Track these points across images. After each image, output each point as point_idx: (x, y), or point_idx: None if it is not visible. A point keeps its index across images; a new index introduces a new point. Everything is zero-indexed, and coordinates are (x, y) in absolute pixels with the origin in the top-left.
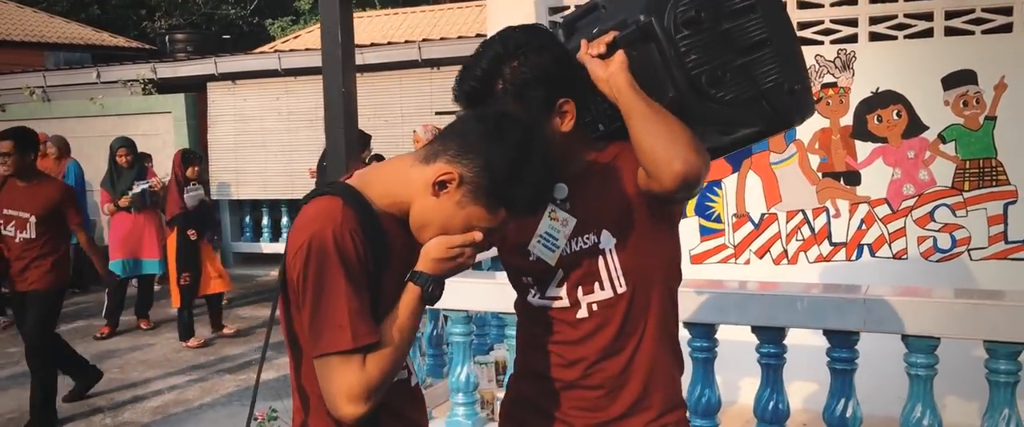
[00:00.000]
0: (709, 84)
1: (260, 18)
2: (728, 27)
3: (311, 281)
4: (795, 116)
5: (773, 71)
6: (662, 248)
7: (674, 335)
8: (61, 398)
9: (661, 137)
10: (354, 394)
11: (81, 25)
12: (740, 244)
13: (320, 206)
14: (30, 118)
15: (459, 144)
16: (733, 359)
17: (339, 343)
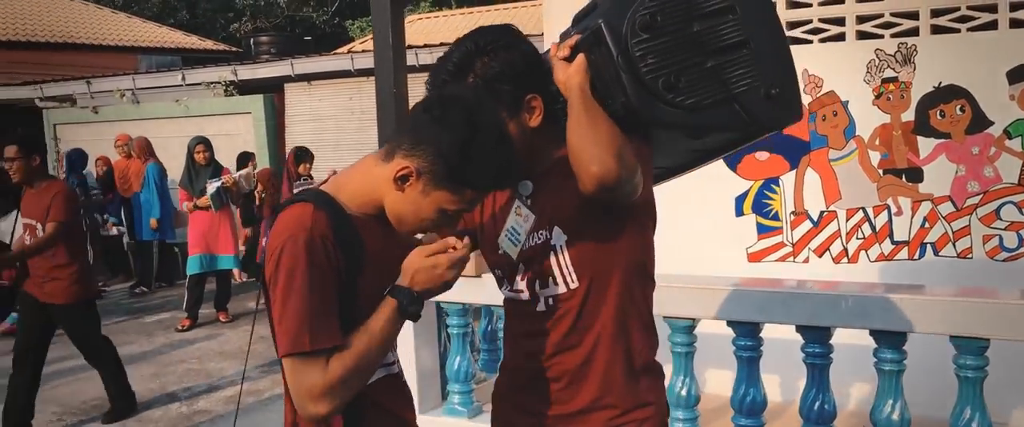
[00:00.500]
0: (665, 88)
1: (341, 19)
2: (699, 29)
3: (280, 285)
4: (773, 121)
5: (748, 74)
6: (619, 248)
7: (640, 334)
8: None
9: (586, 140)
10: (314, 394)
11: (171, 29)
12: (798, 242)
13: (292, 213)
14: (120, 119)
15: (411, 137)
16: (781, 357)
17: (299, 345)
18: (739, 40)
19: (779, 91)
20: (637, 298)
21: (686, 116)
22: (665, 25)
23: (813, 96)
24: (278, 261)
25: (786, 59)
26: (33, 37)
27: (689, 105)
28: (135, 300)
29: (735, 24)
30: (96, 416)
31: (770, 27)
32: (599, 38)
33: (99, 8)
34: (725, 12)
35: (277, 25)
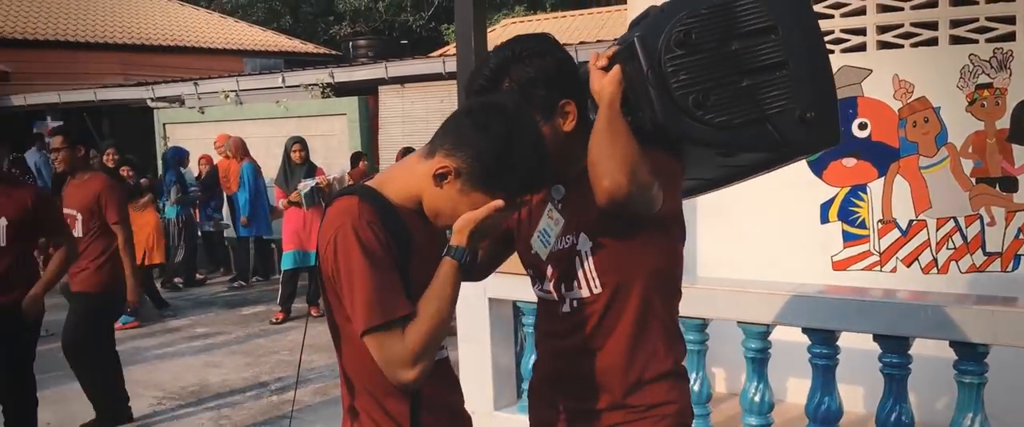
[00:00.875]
0: (695, 105)
1: (437, 23)
2: (737, 48)
3: (342, 271)
4: (806, 144)
5: (783, 96)
6: (643, 257)
7: (663, 340)
8: None
9: (602, 153)
10: (402, 362)
11: (275, 33)
12: (886, 251)
13: (340, 206)
14: (225, 119)
15: (453, 138)
16: (858, 367)
17: (374, 319)
18: (777, 61)
19: (815, 115)
20: (659, 305)
21: (715, 133)
22: (701, 42)
23: (903, 101)
24: (335, 252)
25: (826, 83)
26: (148, 41)
27: (718, 123)
28: (233, 293)
29: (775, 45)
30: (195, 401)
31: (812, 50)
32: (633, 52)
33: (210, 13)
34: (766, 32)
35: (375, 29)
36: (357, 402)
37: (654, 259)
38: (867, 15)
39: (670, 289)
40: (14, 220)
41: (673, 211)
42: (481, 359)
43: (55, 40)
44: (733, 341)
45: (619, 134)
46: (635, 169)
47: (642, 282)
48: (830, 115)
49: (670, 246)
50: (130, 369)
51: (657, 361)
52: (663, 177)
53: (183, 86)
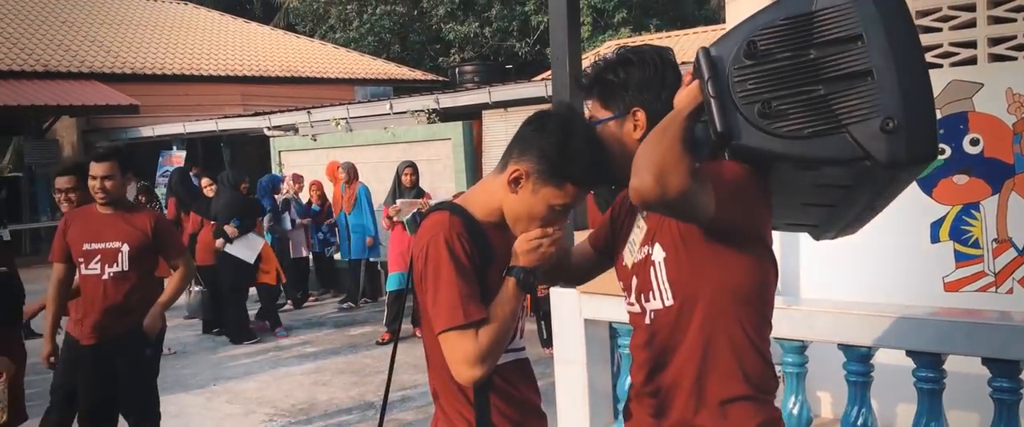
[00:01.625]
0: (760, 115)
1: (541, 47)
2: (816, 56)
3: (430, 277)
4: (889, 155)
5: (864, 104)
6: (714, 270)
7: (734, 361)
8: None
9: (640, 152)
10: (471, 359)
11: (385, 62)
12: (1001, 272)
13: (434, 219)
14: (336, 146)
15: (519, 147)
16: (969, 392)
17: (455, 319)
18: (861, 69)
19: (897, 124)
20: (734, 324)
21: (782, 143)
22: (772, 52)
23: (1018, 115)
24: (426, 258)
25: (917, 92)
26: (266, 72)
27: (785, 132)
28: (342, 314)
29: (859, 53)
30: (304, 418)
31: (903, 59)
32: (698, 65)
33: (323, 44)
34: (851, 40)
35: (482, 55)
36: (443, 399)
37: (727, 275)
38: (977, 27)
39: (747, 307)
40: (134, 245)
41: (745, 227)
42: (577, 380)
43: (181, 74)
44: (838, 364)
45: (663, 138)
46: (665, 171)
47: (711, 297)
48: (922, 126)
49: (748, 264)
50: (243, 386)
51: (730, 382)
52: (722, 187)
53: (297, 115)
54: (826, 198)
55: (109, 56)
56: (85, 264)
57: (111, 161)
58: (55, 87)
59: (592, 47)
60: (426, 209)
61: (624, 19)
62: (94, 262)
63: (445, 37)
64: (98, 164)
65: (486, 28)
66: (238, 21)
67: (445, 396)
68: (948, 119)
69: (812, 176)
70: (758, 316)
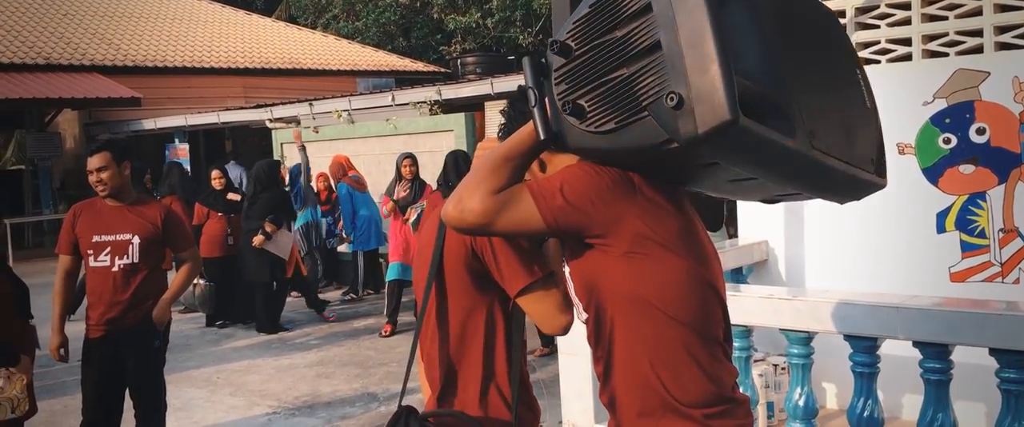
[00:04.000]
0: (575, 115)
1: (544, 37)
2: (621, 35)
3: (488, 248)
4: (685, 132)
5: (658, 81)
6: (606, 278)
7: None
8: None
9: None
10: (560, 306)
11: (388, 53)
12: (1008, 262)
13: None
14: (338, 138)
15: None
16: (976, 383)
17: (532, 274)
18: (651, 42)
19: (681, 98)
20: (641, 334)
21: (601, 140)
22: (579, 44)
23: None
24: None
25: (704, 57)
26: (268, 64)
27: (596, 128)
28: (345, 306)
29: (649, 24)
30: (308, 411)
31: (688, 22)
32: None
33: (325, 36)
34: (642, 12)
35: (483, 46)
36: (462, 393)
37: (622, 282)
38: (984, 16)
39: (658, 317)
40: (145, 238)
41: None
42: (581, 372)
43: (183, 66)
44: (844, 355)
45: (478, 162)
46: (461, 199)
47: (613, 307)
48: (711, 93)
49: (631, 269)
50: (247, 378)
51: (646, 396)
52: (558, 193)
53: (299, 107)
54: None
55: (111, 49)
56: (94, 256)
57: (105, 152)
58: (57, 80)
59: None
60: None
61: None
62: (104, 254)
63: (447, 28)
64: (93, 157)
65: (488, 19)
66: (240, 13)
67: (466, 363)
68: (954, 108)
69: (676, 161)
70: (672, 323)
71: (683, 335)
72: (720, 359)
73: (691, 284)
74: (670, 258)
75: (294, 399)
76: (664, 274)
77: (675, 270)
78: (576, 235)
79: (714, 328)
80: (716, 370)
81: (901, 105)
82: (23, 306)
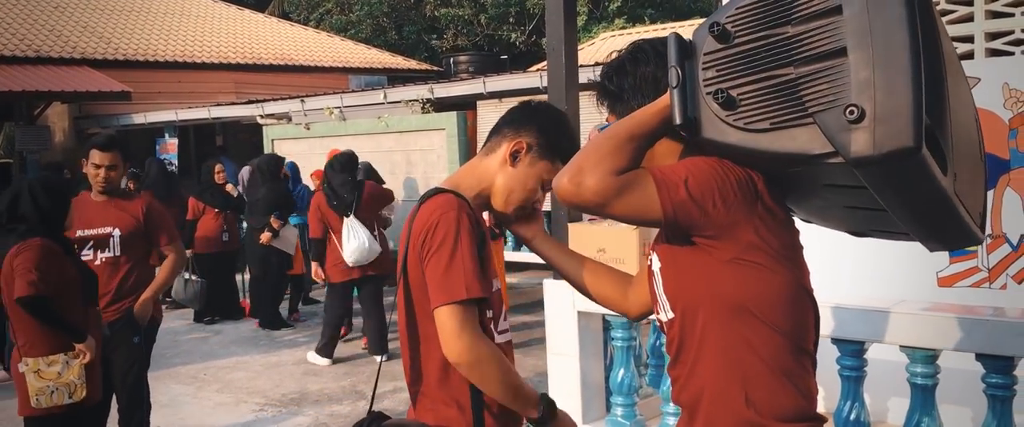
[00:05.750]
0: (723, 105)
1: (537, 38)
2: (791, 34)
3: (438, 249)
4: (851, 150)
5: (833, 90)
6: (701, 281)
7: (757, 379)
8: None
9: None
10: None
11: (379, 50)
12: (995, 267)
13: (441, 199)
14: (329, 135)
15: (512, 127)
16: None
17: (458, 294)
18: (833, 47)
19: (863, 112)
20: (734, 341)
21: (742, 137)
22: (745, 32)
23: (1014, 111)
24: (435, 232)
25: (897, 75)
26: (259, 60)
27: (744, 124)
28: None
29: (835, 27)
30: (295, 409)
31: (885, 34)
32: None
33: (317, 32)
34: (829, 12)
35: (476, 44)
36: (436, 392)
37: (715, 286)
38: (975, 22)
39: (754, 325)
40: (126, 231)
41: (718, 232)
42: (570, 372)
43: (173, 61)
44: (831, 359)
45: (601, 137)
46: (580, 171)
47: (707, 311)
48: (896, 114)
49: (736, 273)
50: (234, 375)
51: (736, 407)
52: (682, 186)
53: (290, 103)
54: (857, 201)
55: (101, 42)
56: (78, 250)
57: (116, 151)
58: (47, 73)
59: (587, 37)
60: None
61: (619, 8)
62: (87, 248)
63: (440, 22)
64: (104, 153)
65: (481, 15)
66: (232, 8)
67: (433, 378)
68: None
69: (814, 175)
70: (775, 335)
71: (781, 345)
72: (809, 371)
73: (794, 295)
74: (777, 269)
75: (281, 397)
76: (769, 284)
77: (781, 282)
78: (687, 231)
79: (807, 338)
80: (806, 383)
81: None
82: (89, 292)
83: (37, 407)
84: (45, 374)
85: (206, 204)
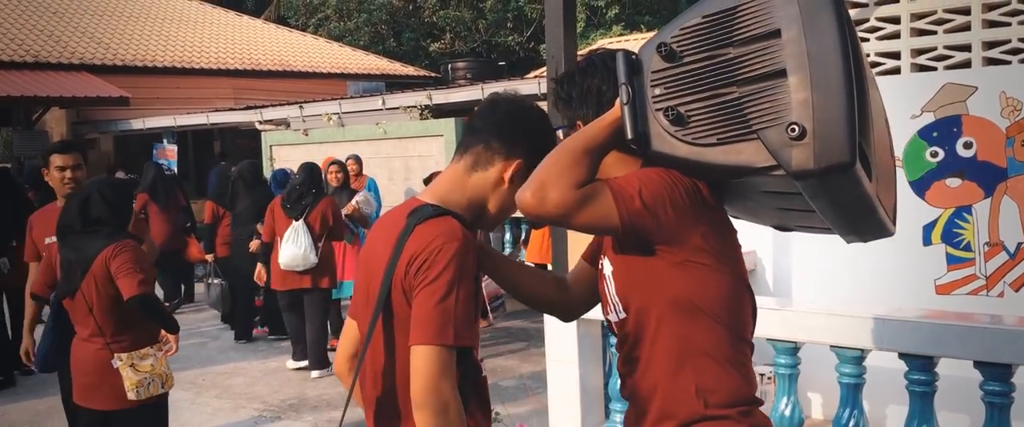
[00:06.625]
0: (670, 121)
1: (536, 44)
2: (733, 55)
3: (440, 280)
4: (794, 165)
5: (775, 108)
6: (654, 283)
7: (708, 374)
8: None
9: (537, 167)
10: (444, 385)
11: (378, 57)
12: (992, 275)
13: (443, 226)
14: (327, 141)
15: (502, 142)
16: (961, 395)
17: (444, 338)
18: (774, 69)
19: (804, 129)
20: (686, 338)
21: (693, 151)
22: (689, 52)
23: (1011, 119)
24: (433, 262)
25: (834, 94)
26: (258, 66)
27: (693, 139)
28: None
29: (775, 50)
30: (293, 414)
31: (822, 55)
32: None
33: (316, 39)
34: (768, 36)
35: (474, 50)
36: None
37: (667, 287)
38: (972, 31)
39: (706, 323)
40: None
41: (669, 237)
42: (569, 379)
43: (172, 66)
44: (830, 366)
45: (559, 149)
46: (543, 185)
47: (660, 311)
48: (834, 131)
49: (688, 275)
50: (232, 381)
51: (691, 402)
52: (636, 197)
53: (289, 109)
54: (797, 204)
55: (100, 48)
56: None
57: (77, 152)
58: (45, 78)
59: (585, 44)
60: (351, 210)
61: (617, 16)
62: None
63: (438, 26)
64: (65, 155)
65: (480, 20)
66: (230, 14)
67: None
68: (942, 122)
69: (755, 184)
70: (718, 328)
71: (725, 337)
72: (749, 357)
73: (736, 290)
74: (721, 268)
75: (280, 402)
76: (717, 283)
77: (725, 280)
78: (641, 238)
79: (747, 329)
80: (748, 370)
81: (889, 118)
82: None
83: (137, 399)
84: (140, 367)
85: (226, 209)
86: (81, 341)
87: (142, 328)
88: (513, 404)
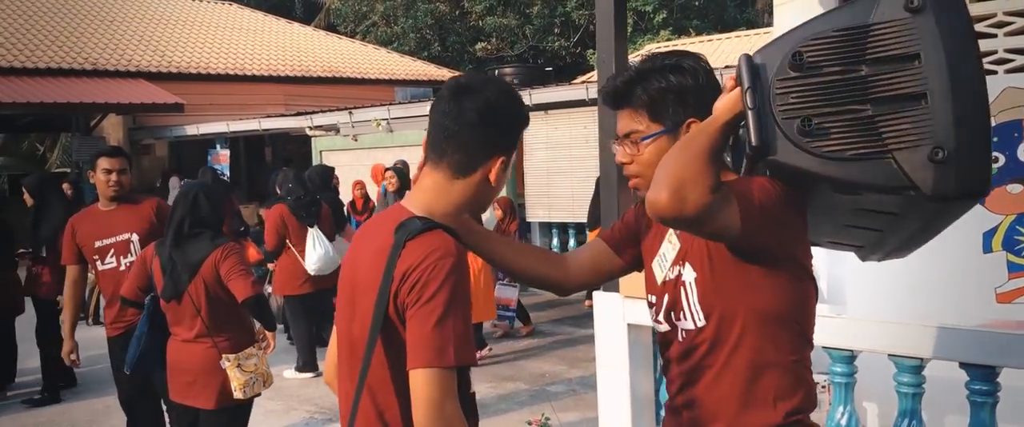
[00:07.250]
0: (801, 131)
1: (582, 49)
2: (867, 73)
3: (439, 300)
4: (934, 187)
5: (915, 130)
6: (745, 292)
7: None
8: None
9: (663, 166)
10: (454, 404)
11: (425, 62)
12: None
13: (436, 241)
14: (376, 147)
15: (482, 144)
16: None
17: (445, 360)
18: (914, 91)
19: (947, 154)
20: (768, 346)
21: (821, 164)
22: (821, 64)
23: None
24: (428, 280)
25: (973, 121)
26: (308, 73)
27: (824, 152)
28: None
29: (915, 73)
30: None
31: (963, 83)
32: (741, 72)
33: (364, 45)
34: (907, 59)
35: (520, 55)
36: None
37: (759, 297)
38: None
39: (787, 331)
40: (143, 233)
41: (775, 248)
42: (619, 385)
43: (225, 73)
44: (887, 375)
45: (689, 149)
46: (684, 185)
47: (745, 320)
48: (974, 158)
49: (781, 285)
50: (284, 383)
51: (764, 409)
52: (751, 205)
53: (338, 115)
54: (870, 223)
55: (156, 55)
56: (101, 260)
57: (124, 157)
58: (103, 85)
59: (632, 49)
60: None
61: (664, 20)
62: (109, 257)
63: (485, 30)
64: (112, 159)
65: (526, 26)
66: (281, 21)
67: None
68: (1002, 127)
69: (853, 200)
70: (797, 337)
71: (802, 347)
72: (810, 360)
73: (814, 298)
74: (805, 277)
75: (331, 405)
76: (804, 292)
77: (809, 288)
78: (750, 247)
79: (812, 330)
80: (810, 374)
81: None
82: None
83: (244, 398)
84: (246, 367)
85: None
86: (184, 343)
87: (241, 328)
88: (562, 410)
